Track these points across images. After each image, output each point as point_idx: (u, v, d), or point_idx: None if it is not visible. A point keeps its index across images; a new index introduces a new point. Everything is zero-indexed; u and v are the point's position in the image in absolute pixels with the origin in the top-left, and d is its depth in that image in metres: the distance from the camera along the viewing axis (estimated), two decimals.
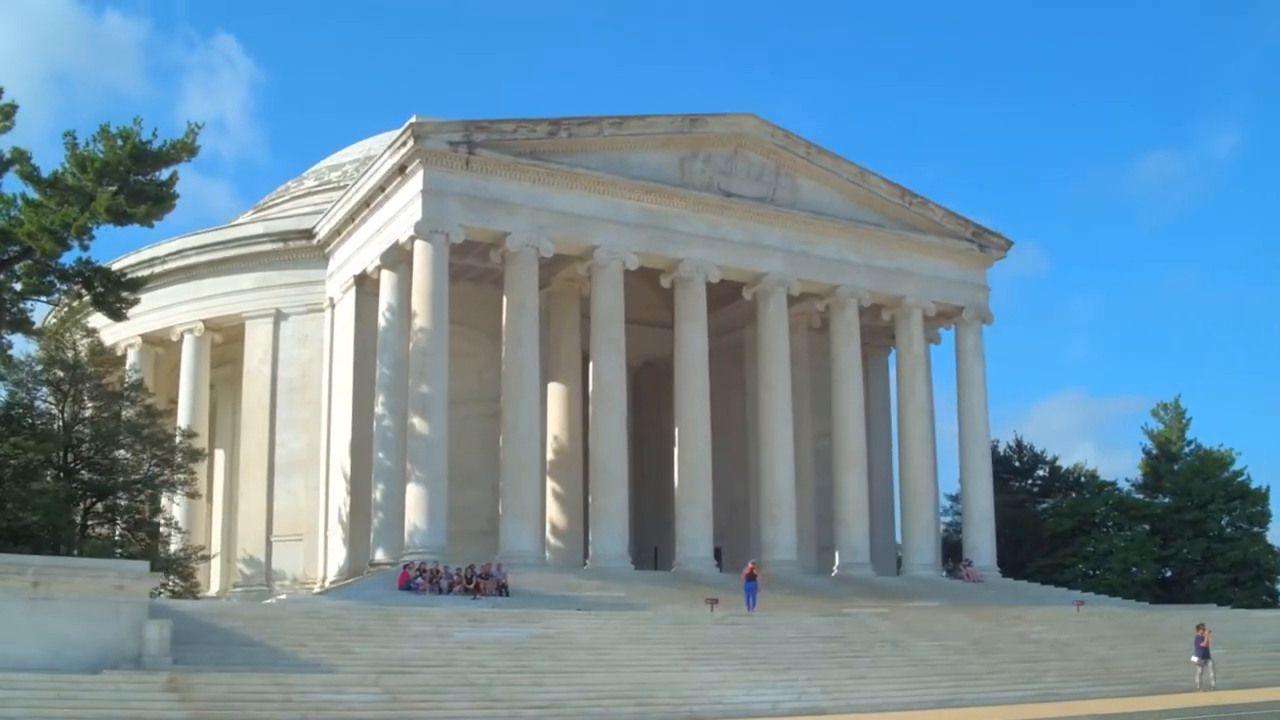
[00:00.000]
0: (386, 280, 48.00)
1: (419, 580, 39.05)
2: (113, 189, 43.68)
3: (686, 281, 50.20)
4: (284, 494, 51.33)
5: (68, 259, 44.98)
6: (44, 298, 45.14)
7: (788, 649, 30.70)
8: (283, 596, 44.66)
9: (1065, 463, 72.60)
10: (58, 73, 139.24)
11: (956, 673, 30.01)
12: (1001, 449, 73.42)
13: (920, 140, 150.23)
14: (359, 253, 50.19)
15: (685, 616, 33.73)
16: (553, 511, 50.47)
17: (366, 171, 49.19)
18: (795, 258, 52.80)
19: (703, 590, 42.72)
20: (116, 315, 47.02)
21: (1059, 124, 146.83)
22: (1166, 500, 62.77)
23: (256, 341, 53.05)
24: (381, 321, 48.00)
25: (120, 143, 43.55)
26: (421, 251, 45.25)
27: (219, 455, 56.05)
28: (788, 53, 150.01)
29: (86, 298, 45.94)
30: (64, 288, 45.40)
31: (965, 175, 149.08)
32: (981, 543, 55.74)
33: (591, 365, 48.23)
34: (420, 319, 44.96)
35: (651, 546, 60.10)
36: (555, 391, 51.29)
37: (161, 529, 42.46)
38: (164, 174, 45.35)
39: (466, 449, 49.49)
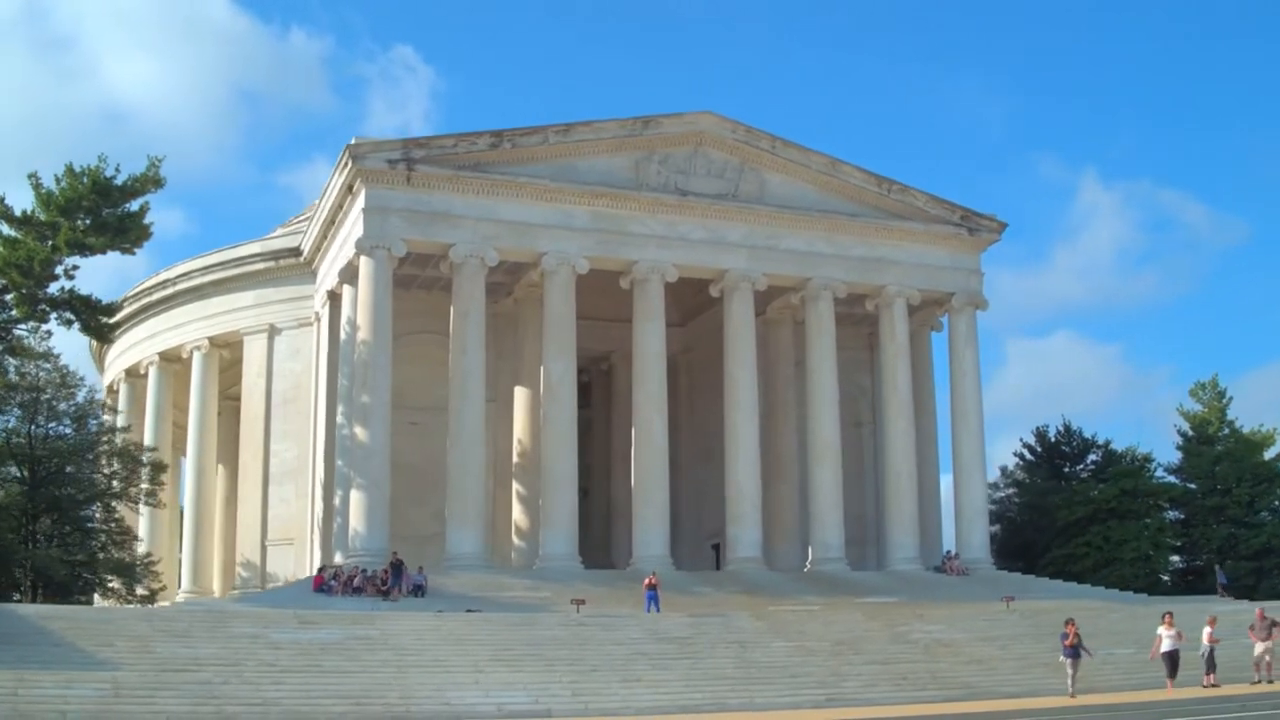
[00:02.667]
0: (346, 295, 50.20)
1: (333, 583, 41.03)
2: (77, 223, 47.32)
3: (642, 283, 50.72)
4: (277, 501, 54.20)
5: (54, 289, 49.66)
6: (41, 325, 49.41)
7: (603, 651, 31.16)
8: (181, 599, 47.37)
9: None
10: (246, 91, 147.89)
11: (759, 678, 29.79)
12: (1052, 435, 71.18)
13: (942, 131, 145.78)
14: (330, 269, 52.61)
15: (539, 619, 34.43)
16: (516, 513, 52.00)
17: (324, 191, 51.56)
18: (760, 253, 52.62)
19: (669, 595, 43.47)
20: (102, 338, 51.06)
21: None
22: (1189, 485, 59.56)
23: (253, 356, 56.15)
24: (342, 335, 50.26)
25: (84, 180, 47.25)
26: (365, 267, 47.27)
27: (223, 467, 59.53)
28: (790, 51, 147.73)
29: (75, 324, 50.15)
30: (55, 315, 49.60)
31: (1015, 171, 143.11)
32: (973, 535, 54.45)
33: (542, 369, 49.34)
34: (363, 331, 47.02)
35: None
36: (520, 396, 52.68)
37: (116, 538, 45.49)
38: (134, 205, 49.08)
39: (440, 453, 51.34)
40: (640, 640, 32.84)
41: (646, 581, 42.17)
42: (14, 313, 48.01)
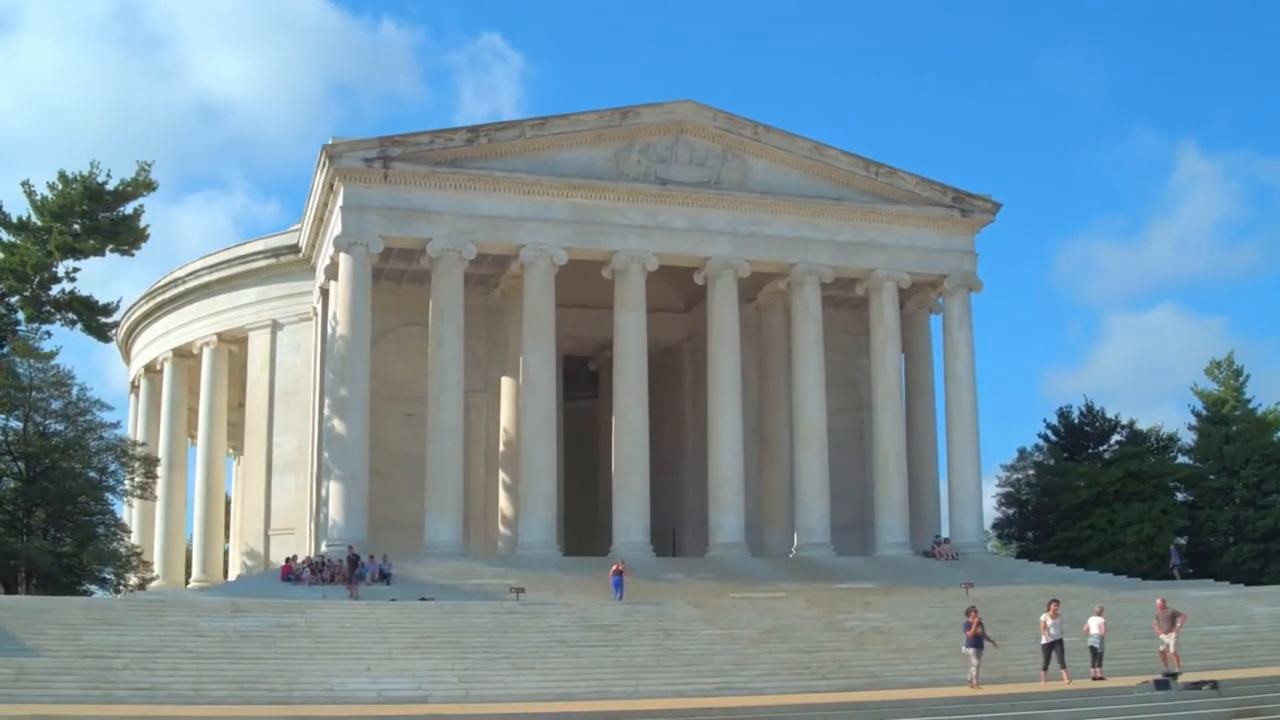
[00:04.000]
0: (332, 290, 51.39)
1: (305, 572, 42.34)
2: (71, 227, 49.31)
3: (623, 272, 51.12)
4: (279, 491, 55.81)
5: (55, 290, 51.82)
6: (42, 325, 51.56)
7: (521, 639, 31.67)
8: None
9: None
10: (339, 84, 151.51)
11: (659, 666, 30.10)
12: (1075, 416, 70.00)
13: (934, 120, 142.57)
14: (320, 265, 53.93)
15: (471, 608, 35.17)
16: (502, 502, 52.88)
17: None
18: (743, 239, 52.66)
19: (638, 582, 44.14)
20: (102, 336, 52.87)
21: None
22: (1197, 466, 58.13)
23: (257, 351, 57.79)
24: (329, 330, 51.53)
25: (75, 187, 49.18)
26: (344, 263, 48.44)
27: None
28: (793, 45, 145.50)
29: (78, 324, 52.24)
30: (59, 317, 51.76)
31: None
32: (965, 519, 54.02)
33: (521, 359, 50.09)
34: (341, 327, 48.23)
35: (669, 530, 61.21)
36: (507, 386, 53.50)
37: (108, 530, 47.39)
38: (129, 209, 50.95)
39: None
40: (565, 628, 33.44)
41: (614, 568, 42.85)
42: (20, 314, 50.56)
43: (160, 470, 60.17)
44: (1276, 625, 38.86)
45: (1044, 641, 28.66)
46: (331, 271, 50.39)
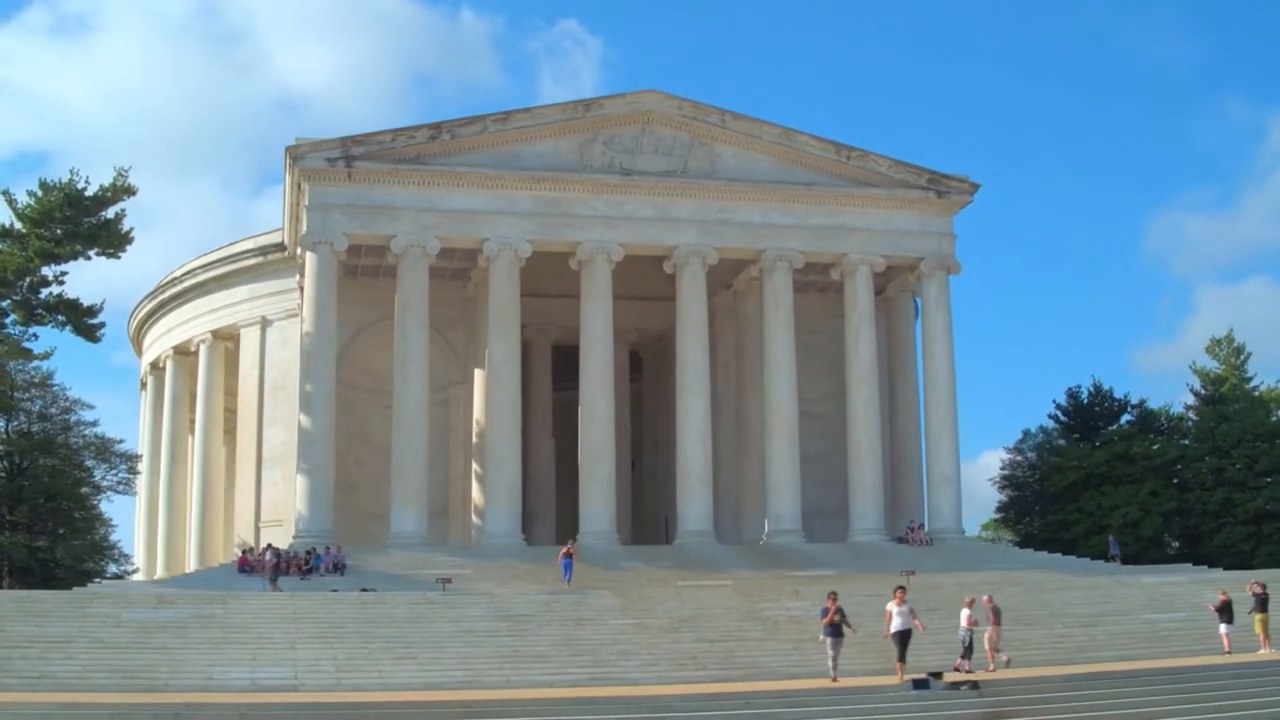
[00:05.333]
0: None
1: (266, 561, 43.60)
2: (56, 233, 51.18)
3: (588, 263, 51.50)
4: (269, 484, 57.31)
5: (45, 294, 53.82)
6: (28, 328, 53.52)
7: (428, 629, 32.26)
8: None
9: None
10: (418, 74, 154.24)
11: (545, 656, 30.46)
12: (1084, 397, 68.81)
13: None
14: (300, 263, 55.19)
15: (392, 598, 35.98)
16: (475, 493, 53.64)
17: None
18: (711, 227, 52.72)
19: (595, 570, 44.88)
20: (91, 337, 54.75)
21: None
22: (1186, 446, 56.77)
23: (248, 347, 59.33)
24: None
25: (55, 194, 51.00)
26: (309, 262, 49.59)
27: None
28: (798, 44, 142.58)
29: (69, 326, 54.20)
30: (52, 320, 53.78)
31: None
32: (942, 503, 53.56)
33: (486, 352, 50.80)
34: (307, 324, 49.42)
35: (662, 518, 61.71)
36: (479, 379, 54.20)
37: (88, 524, 49.20)
38: (110, 213, 52.73)
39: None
40: (477, 619, 34.08)
41: (563, 550, 43.71)
42: (12, 317, 52.65)
43: (162, 465, 62.46)
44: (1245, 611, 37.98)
45: (893, 630, 27.07)
46: (304, 268, 51.56)
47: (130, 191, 52.11)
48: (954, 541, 52.63)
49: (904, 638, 26.96)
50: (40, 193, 50.42)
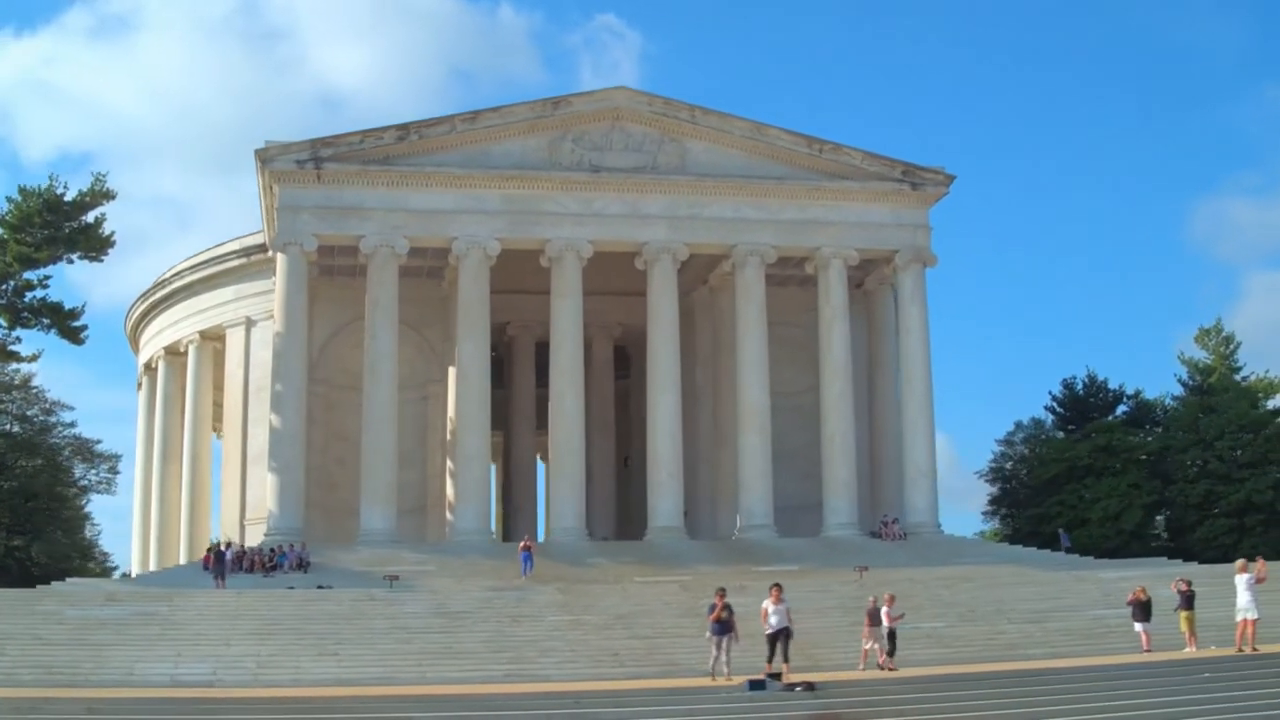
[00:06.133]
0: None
1: (227, 559, 44.25)
2: (38, 237, 52.12)
3: (558, 260, 51.72)
4: (254, 483, 57.75)
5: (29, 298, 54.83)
6: (24, 330, 54.60)
7: (365, 625, 32.44)
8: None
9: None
10: (458, 70, 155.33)
11: (467, 653, 30.80)
12: (1079, 388, 68.21)
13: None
14: None
15: (335, 595, 36.45)
16: (449, 490, 54.03)
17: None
18: (681, 223, 52.79)
19: (560, 567, 45.24)
20: (75, 339, 55.68)
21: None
22: (1168, 437, 56.01)
23: (233, 347, 60.09)
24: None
25: (33, 200, 51.90)
26: (280, 263, 50.23)
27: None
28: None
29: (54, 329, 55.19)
30: (37, 323, 54.79)
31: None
32: (918, 498, 53.29)
33: (456, 350, 51.18)
34: (277, 324, 50.07)
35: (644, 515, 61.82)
36: (453, 377, 54.50)
37: (63, 524, 50.25)
38: (90, 217, 53.59)
39: (400, 432, 54.16)
40: (414, 615, 34.48)
41: (521, 543, 44.31)
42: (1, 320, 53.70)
43: (155, 464, 63.50)
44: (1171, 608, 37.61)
45: (766, 632, 26.59)
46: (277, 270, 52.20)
47: (109, 196, 52.88)
48: (929, 536, 52.38)
49: (777, 637, 26.43)
50: (20, 198, 51.31)
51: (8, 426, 49.83)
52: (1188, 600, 29.38)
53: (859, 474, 57.58)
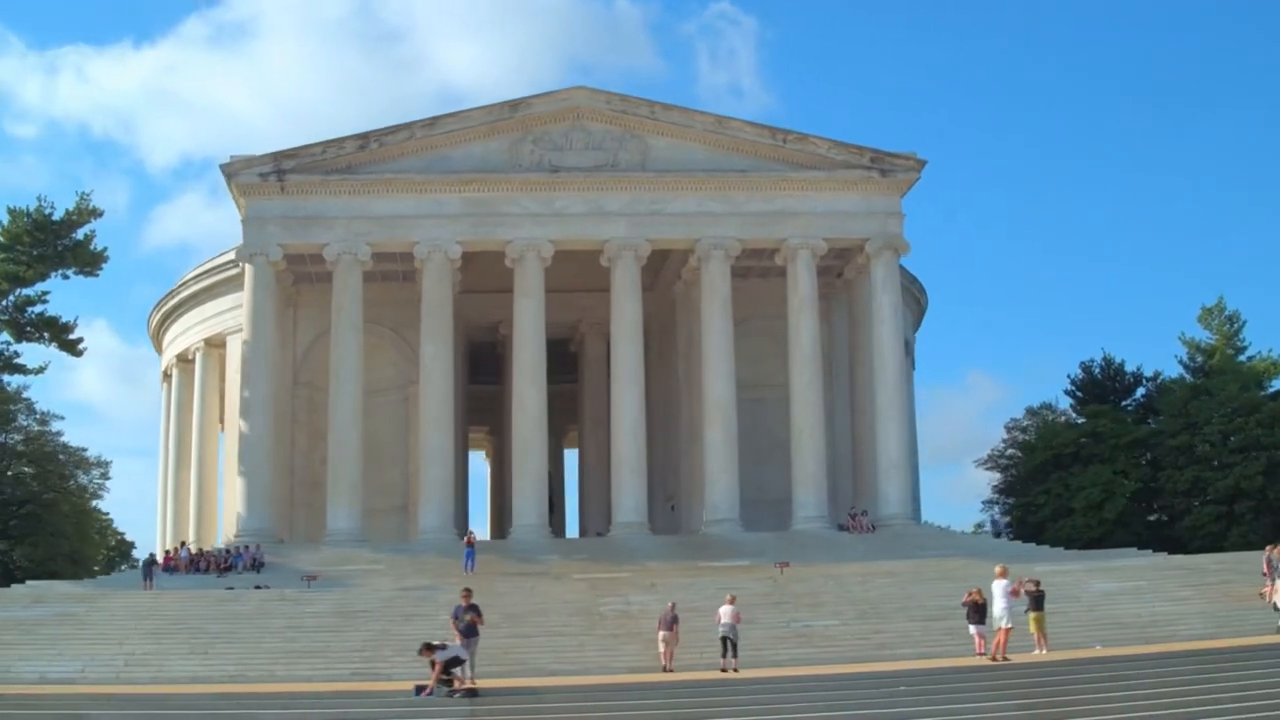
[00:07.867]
0: None
1: (188, 558, 46.08)
2: (29, 254, 54.71)
3: (519, 261, 52.33)
4: None
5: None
6: (25, 344, 57.39)
7: (261, 625, 33.35)
8: None
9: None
10: (576, 63, 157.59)
11: (345, 650, 31.60)
12: (1096, 371, 66.17)
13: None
14: None
15: (246, 596, 37.63)
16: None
17: None
18: (643, 219, 52.92)
19: (509, 563, 46.02)
20: (73, 351, 58.30)
21: None
22: (1153, 424, 53.89)
23: (233, 354, 61.84)
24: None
25: (22, 220, 54.50)
26: (248, 273, 51.86)
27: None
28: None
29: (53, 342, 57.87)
30: (39, 337, 57.54)
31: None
32: (890, 489, 52.53)
33: (421, 352, 52.13)
34: (245, 332, 51.70)
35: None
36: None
37: (51, 529, 52.62)
38: (80, 235, 56.02)
39: (382, 432, 55.65)
40: (312, 615, 35.38)
41: (465, 539, 45.09)
42: (4, 335, 56.56)
43: (170, 467, 66.01)
44: (1096, 605, 36.47)
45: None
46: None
47: (96, 214, 55.26)
48: (899, 528, 51.55)
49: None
50: (8, 219, 53.92)
51: (4, 439, 52.41)
52: (1037, 601, 28.55)
53: (840, 466, 57.27)
